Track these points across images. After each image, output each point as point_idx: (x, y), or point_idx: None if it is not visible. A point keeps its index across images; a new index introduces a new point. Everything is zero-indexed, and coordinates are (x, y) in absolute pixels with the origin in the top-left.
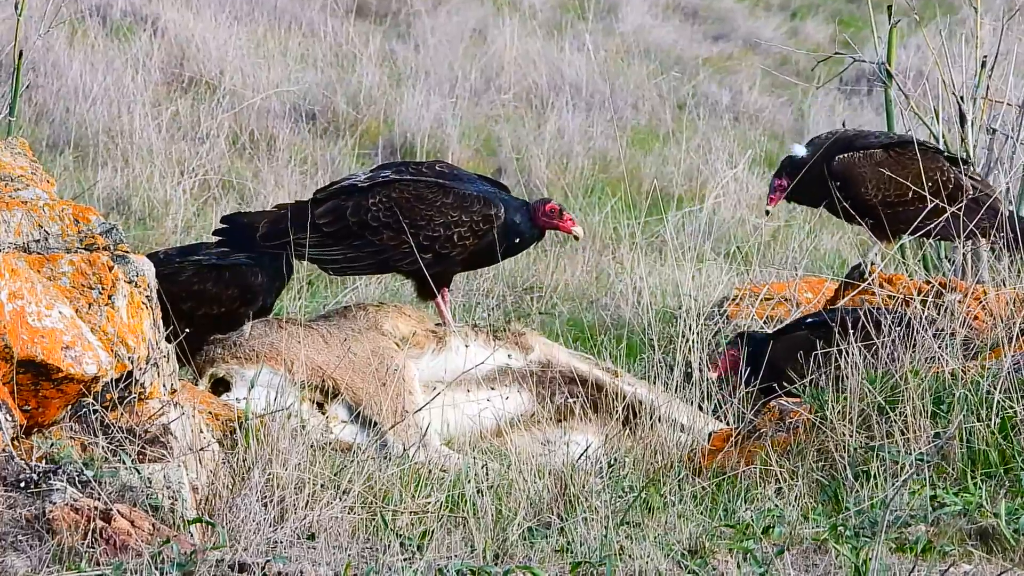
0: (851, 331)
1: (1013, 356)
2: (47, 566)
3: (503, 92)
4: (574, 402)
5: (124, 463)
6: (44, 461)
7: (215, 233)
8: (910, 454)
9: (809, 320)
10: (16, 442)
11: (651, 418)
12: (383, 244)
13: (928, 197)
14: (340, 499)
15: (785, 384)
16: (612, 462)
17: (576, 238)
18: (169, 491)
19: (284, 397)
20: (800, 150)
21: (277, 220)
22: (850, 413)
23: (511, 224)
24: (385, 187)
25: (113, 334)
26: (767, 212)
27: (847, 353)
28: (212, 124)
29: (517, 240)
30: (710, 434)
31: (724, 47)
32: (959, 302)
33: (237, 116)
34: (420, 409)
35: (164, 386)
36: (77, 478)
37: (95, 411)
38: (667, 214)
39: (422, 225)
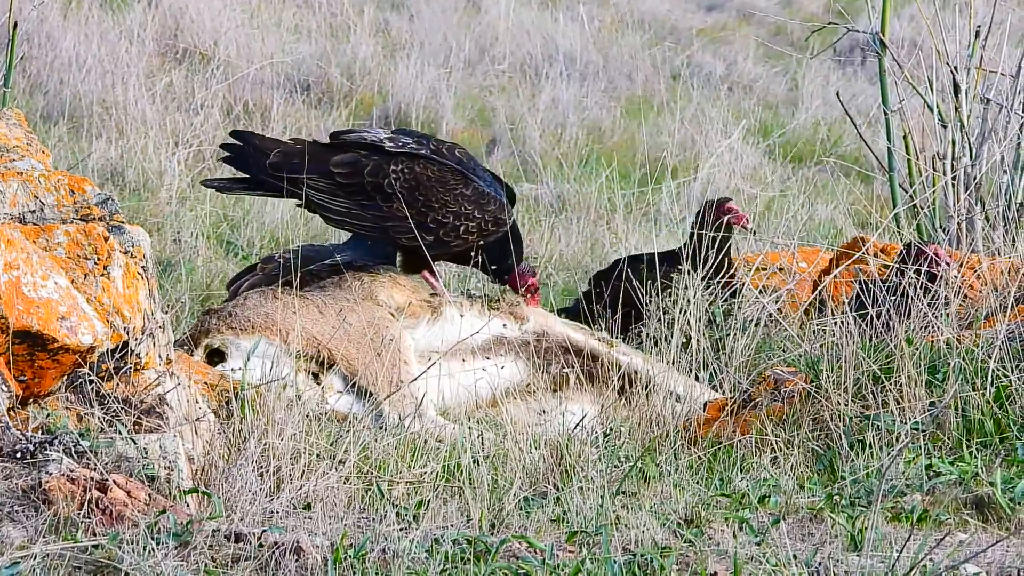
0: None
1: (1008, 325)
2: (43, 536)
3: (497, 63)
4: (569, 372)
5: (120, 433)
6: (40, 431)
7: (222, 147)
8: (905, 423)
9: None
10: (12, 413)
11: (646, 388)
12: (390, 212)
13: None
14: (336, 469)
15: None
16: (608, 432)
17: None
18: (165, 461)
19: (279, 368)
20: None
21: (291, 153)
22: (845, 382)
23: (516, 233)
24: (410, 159)
25: (109, 304)
26: None
27: (842, 323)
28: (206, 95)
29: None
30: (705, 404)
31: (718, 17)
32: (954, 271)
33: (231, 87)
34: (415, 379)
35: (160, 356)
36: (73, 448)
37: (91, 381)
38: (661, 184)
39: (435, 208)
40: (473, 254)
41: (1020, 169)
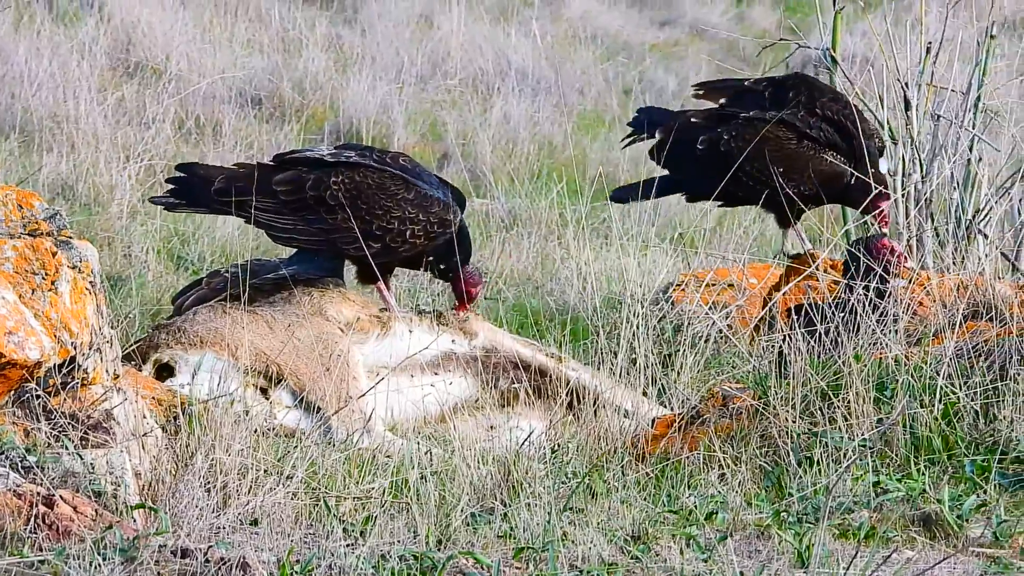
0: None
1: (956, 342)
2: None
3: (449, 77)
4: (518, 387)
5: (67, 448)
6: None
7: (168, 181)
8: (853, 440)
9: None
10: None
11: (595, 404)
12: (335, 224)
13: None
14: (283, 485)
15: None
16: (555, 448)
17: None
18: (112, 477)
19: (228, 382)
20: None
21: (235, 178)
22: (793, 399)
23: (463, 236)
24: (350, 169)
25: (56, 319)
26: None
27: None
28: (158, 109)
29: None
30: (654, 420)
31: (671, 33)
32: (903, 288)
33: (183, 101)
34: (364, 394)
35: (107, 371)
36: (19, 464)
37: (38, 396)
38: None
39: (379, 215)
40: (426, 258)
41: (970, 186)
